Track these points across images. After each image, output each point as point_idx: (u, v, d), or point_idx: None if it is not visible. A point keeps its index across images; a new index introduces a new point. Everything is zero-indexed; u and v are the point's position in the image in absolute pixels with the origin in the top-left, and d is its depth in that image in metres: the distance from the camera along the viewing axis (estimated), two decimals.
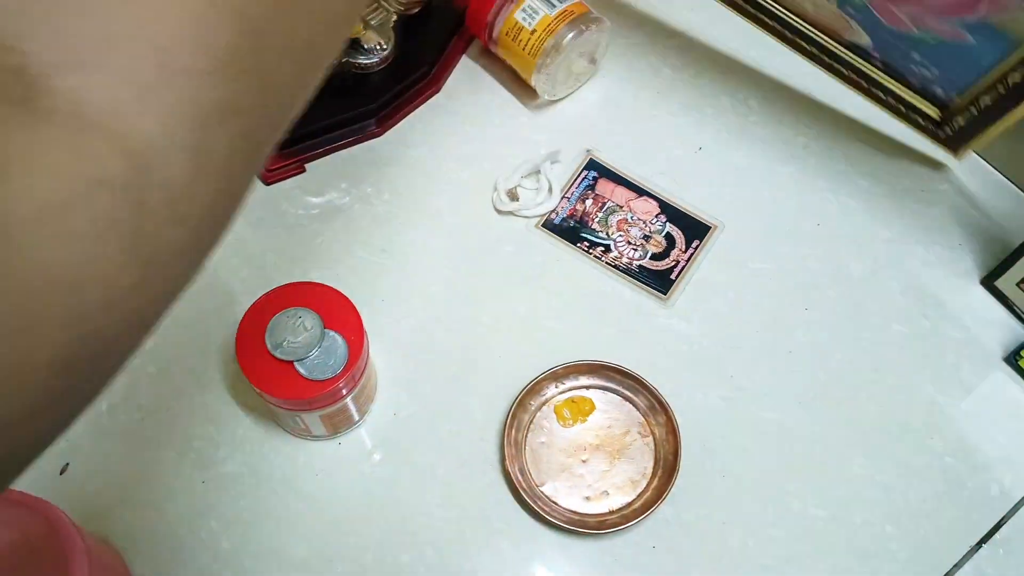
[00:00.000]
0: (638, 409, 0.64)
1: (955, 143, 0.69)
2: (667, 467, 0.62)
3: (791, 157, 0.74)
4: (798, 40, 0.72)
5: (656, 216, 0.71)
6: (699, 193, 0.72)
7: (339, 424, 0.61)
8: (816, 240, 0.71)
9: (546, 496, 0.61)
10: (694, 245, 0.70)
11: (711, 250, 0.70)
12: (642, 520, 0.60)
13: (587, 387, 0.64)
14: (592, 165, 0.72)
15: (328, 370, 0.56)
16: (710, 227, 0.70)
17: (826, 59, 0.71)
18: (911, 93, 0.68)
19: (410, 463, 0.62)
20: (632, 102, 0.76)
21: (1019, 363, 0.66)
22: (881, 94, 0.70)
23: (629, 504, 0.61)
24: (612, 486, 0.62)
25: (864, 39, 0.67)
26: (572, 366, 0.64)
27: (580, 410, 0.63)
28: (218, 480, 0.61)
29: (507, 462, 0.61)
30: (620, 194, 0.71)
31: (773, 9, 0.72)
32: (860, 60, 0.69)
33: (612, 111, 0.75)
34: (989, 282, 0.69)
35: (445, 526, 0.61)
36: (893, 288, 0.69)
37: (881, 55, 0.68)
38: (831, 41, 0.70)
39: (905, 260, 0.70)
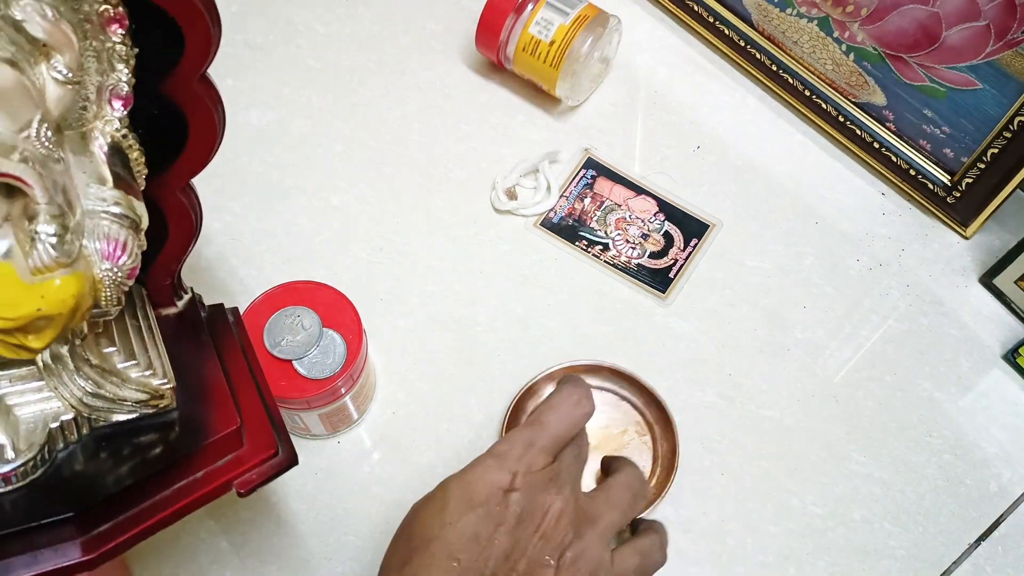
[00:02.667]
0: (635, 408, 0.64)
1: (964, 209, 0.69)
2: (666, 465, 0.62)
3: (789, 155, 0.74)
4: (810, 106, 0.74)
5: (654, 215, 0.71)
6: (697, 192, 0.72)
7: (338, 423, 0.61)
8: (814, 238, 0.71)
9: None
10: (692, 243, 0.70)
11: (709, 248, 0.70)
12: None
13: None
14: (590, 164, 0.72)
15: (326, 369, 0.56)
16: (708, 225, 0.70)
17: (839, 122, 0.73)
18: (922, 156, 0.69)
19: (409, 462, 0.62)
20: (630, 101, 0.76)
21: (1017, 360, 0.66)
22: (893, 157, 0.71)
23: None
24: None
25: (879, 97, 0.68)
26: (568, 367, 0.64)
27: None
28: None
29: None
30: (618, 193, 0.71)
31: (787, 77, 0.74)
32: (874, 121, 0.70)
33: (610, 109, 0.75)
34: (988, 280, 0.69)
35: None
36: (891, 285, 0.69)
37: (894, 116, 0.69)
38: (847, 100, 0.71)
39: (903, 257, 0.70)
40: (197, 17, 0.38)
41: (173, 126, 0.42)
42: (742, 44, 0.75)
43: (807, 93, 0.73)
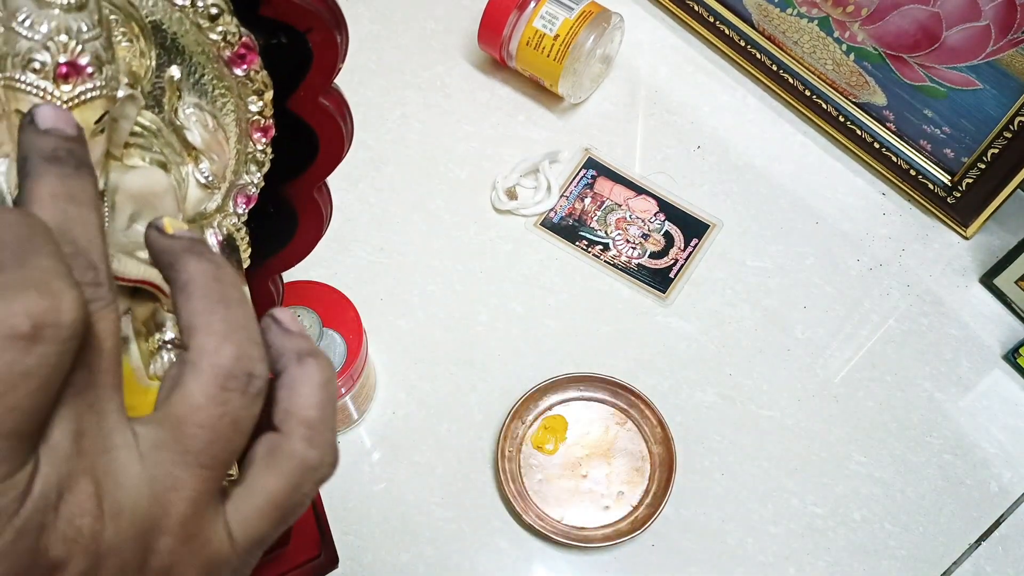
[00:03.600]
0: (603, 403, 0.64)
1: (964, 209, 0.69)
2: (665, 465, 0.61)
3: (789, 155, 0.74)
4: (811, 106, 0.74)
5: (655, 215, 0.71)
6: (698, 191, 0.72)
7: (338, 423, 0.61)
8: (814, 238, 0.71)
9: (560, 521, 0.61)
10: (693, 243, 0.70)
11: (710, 248, 0.70)
12: (648, 522, 0.60)
13: (552, 407, 0.64)
14: (591, 164, 0.72)
15: None
16: (709, 225, 0.70)
17: (840, 122, 0.73)
18: (923, 157, 0.69)
19: (409, 462, 0.62)
20: (630, 100, 0.76)
21: (1018, 360, 0.66)
22: (893, 157, 0.71)
23: (641, 500, 0.61)
24: (621, 483, 0.62)
25: (880, 98, 0.68)
26: (528, 395, 0.63)
27: (556, 431, 0.63)
28: None
29: (504, 489, 0.61)
30: (619, 193, 0.71)
31: (787, 77, 0.74)
32: (874, 121, 0.70)
33: (610, 109, 0.75)
34: (988, 280, 0.69)
35: (444, 525, 0.61)
36: (892, 286, 0.69)
37: (895, 116, 0.69)
38: (847, 100, 0.71)
39: (904, 258, 0.70)
40: (336, 131, 0.39)
41: (283, 224, 0.42)
42: (743, 44, 0.75)
43: (807, 93, 0.73)
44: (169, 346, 0.37)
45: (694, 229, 0.70)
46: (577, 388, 0.64)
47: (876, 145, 0.71)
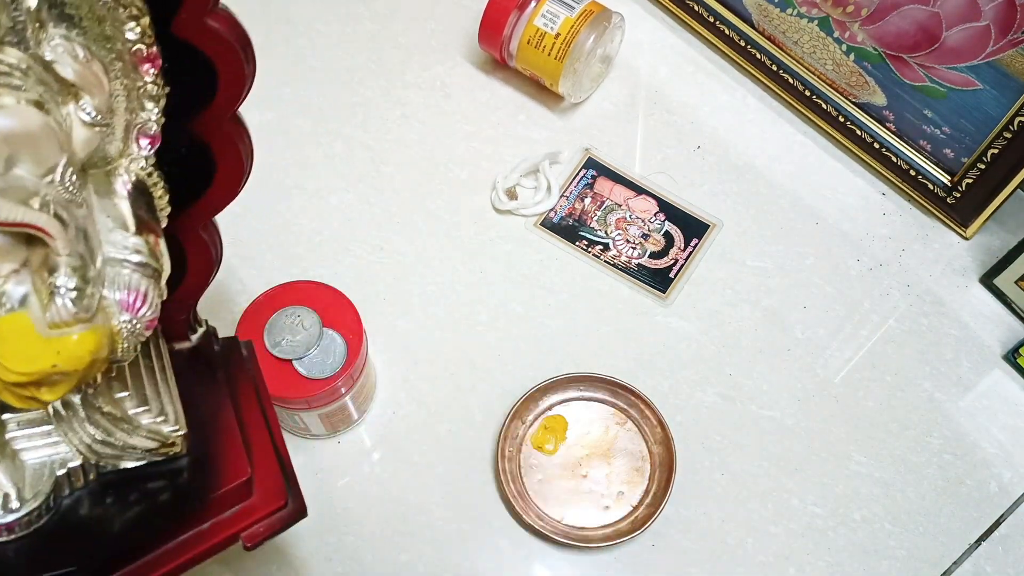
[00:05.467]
0: (603, 403, 0.64)
1: (964, 209, 0.69)
2: (663, 444, 0.61)
3: (789, 155, 0.74)
4: (810, 107, 0.74)
5: (655, 215, 0.71)
6: (698, 191, 0.72)
7: (338, 423, 0.61)
8: (814, 238, 0.71)
9: (561, 521, 0.61)
10: (693, 243, 0.70)
11: (710, 248, 0.70)
12: (649, 522, 0.60)
13: (551, 407, 0.64)
14: (591, 164, 0.72)
15: (327, 369, 0.56)
16: (709, 225, 0.70)
17: (840, 122, 0.73)
18: (923, 157, 0.69)
19: (409, 462, 0.62)
20: (630, 100, 0.76)
21: (1018, 361, 0.66)
22: (893, 157, 0.71)
23: (641, 500, 0.61)
24: (621, 483, 0.62)
25: (880, 98, 0.68)
26: (528, 395, 0.63)
27: (556, 431, 0.63)
28: None
29: (504, 490, 0.61)
30: (619, 192, 0.71)
31: (787, 78, 0.74)
32: (874, 121, 0.70)
33: (610, 109, 0.75)
34: (988, 280, 0.69)
35: (444, 525, 0.61)
36: (892, 286, 0.69)
37: (895, 116, 0.69)
38: (847, 101, 0.71)
39: (904, 258, 0.70)
40: (232, 55, 0.37)
41: (200, 164, 0.41)
42: (743, 44, 0.75)
43: (807, 93, 0.73)
44: (62, 290, 0.35)
45: (694, 229, 0.70)
46: (577, 388, 0.64)
47: (876, 145, 0.71)
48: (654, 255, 0.69)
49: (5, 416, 0.41)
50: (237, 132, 0.41)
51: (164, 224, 0.40)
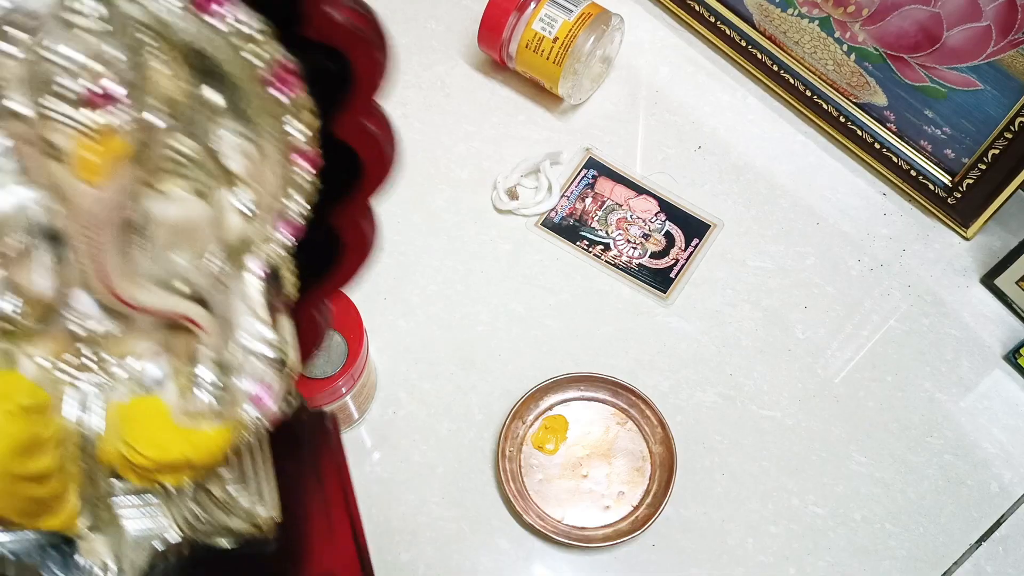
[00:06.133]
0: (603, 403, 0.64)
1: (965, 210, 0.69)
2: (665, 465, 0.61)
3: (790, 155, 0.74)
4: (811, 107, 0.74)
5: (655, 215, 0.71)
6: (698, 192, 0.72)
7: (339, 423, 0.61)
8: (815, 238, 0.71)
9: (561, 521, 0.61)
10: (693, 243, 0.70)
11: (710, 248, 0.70)
12: (649, 522, 0.60)
13: (552, 406, 0.64)
14: (591, 164, 0.72)
15: (327, 369, 0.56)
16: (709, 225, 0.70)
17: (840, 123, 0.72)
18: (923, 157, 0.69)
19: (409, 462, 0.62)
20: (631, 100, 0.76)
21: (1018, 361, 0.66)
22: (894, 158, 0.71)
23: (642, 500, 0.61)
24: (622, 483, 0.62)
25: (880, 98, 0.68)
26: (529, 395, 0.63)
27: (556, 431, 0.63)
28: None
29: (505, 489, 0.61)
30: (619, 192, 0.71)
31: (788, 78, 0.73)
32: (875, 122, 0.70)
33: (611, 109, 0.75)
34: (989, 280, 0.69)
35: (445, 525, 0.61)
36: (892, 286, 0.69)
37: (896, 117, 0.69)
38: (847, 101, 0.71)
39: (904, 258, 0.70)
40: (382, 155, 0.37)
41: (327, 251, 0.40)
42: (743, 44, 0.75)
43: (808, 93, 0.73)
44: (204, 383, 0.36)
45: (695, 229, 0.70)
46: (578, 388, 0.64)
47: (877, 145, 0.71)
48: (655, 255, 0.69)
49: (117, 484, 0.40)
50: (368, 220, 0.41)
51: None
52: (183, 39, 0.31)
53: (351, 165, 0.37)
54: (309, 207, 0.37)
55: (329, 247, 0.40)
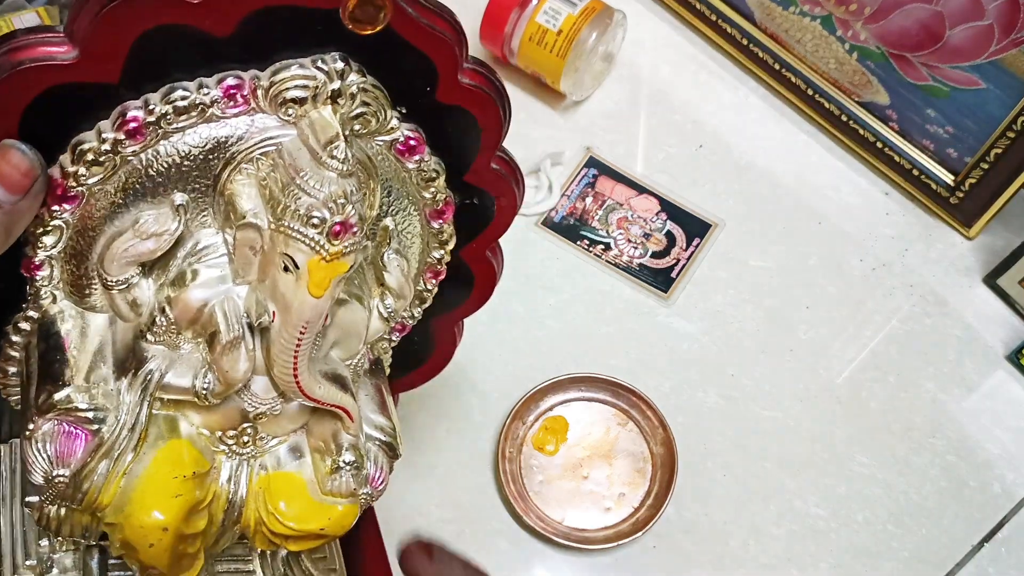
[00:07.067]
0: (604, 403, 0.63)
1: (967, 209, 0.69)
2: (666, 465, 0.61)
3: (792, 154, 0.74)
4: (813, 106, 0.73)
5: (656, 214, 0.70)
6: (700, 191, 0.71)
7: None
8: (817, 238, 0.70)
9: (562, 523, 0.60)
10: (695, 243, 0.69)
11: (712, 248, 0.69)
12: (650, 523, 0.60)
13: (552, 407, 0.64)
14: (592, 163, 0.72)
15: None
16: (711, 225, 0.70)
17: (842, 122, 0.72)
18: (926, 156, 0.69)
19: (409, 462, 0.62)
20: (632, 99, 0.75)
21: (1021, 361, 0.66)
22: (896, 157, 0.70)
23: (643, 501, 0.60)
24: (622, 484, 0.61)
25: (883, 97, 0.67)
26: (529, 396, 0.63)
27: (557, 432, 0.63)
28: None
29: (505, 491, 0.61)
30: (620, 192, 0.71)
31: (790, 76, 0.73)
32: (877, 120, 0.70)
33: (612, 108, 0.75)
34: (991, 280, 0.68)
35: (444, 526, 0.60)
36: (895, 286, 0.69)
37: (898, 115, 0.69)
38: (850, 99, 0.70)
39: (907, 258, 0.70)
40: (491, 277, 0.46)
41: (420, 350, 0.48)
42: (745, 43, 0.74)
43: (810, 92, 0.73)
44: (347, 466, 0.40)
45: (696, 229, 0.70)
46: (578, 389, 0.63)
47: (879, 145, 0.71)
48: (656, 255, 0.69)
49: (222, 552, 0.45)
50: (458, 331, 0.49)
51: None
52: (382, 176, 0.38)
53: (465, 284, 0.45)
54: (422, 314, 0.45)
55: (422, 348, 0.48)
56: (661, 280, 0.68)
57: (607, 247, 0.69)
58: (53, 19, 0.67)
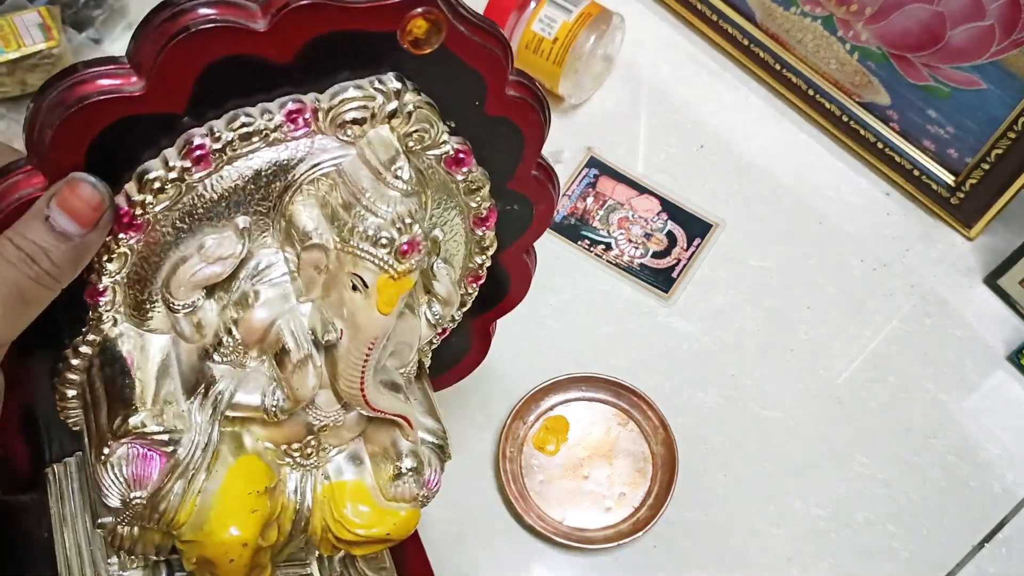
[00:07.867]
0: (604, 403, 0.63)
1: (968, 210, 0.69)
2: (665, 445, 0.61)
3: (793, 155, 0.74)
4: (814, 106, 0.73)
5: (657, 214, 0.70)
6: (700, 191, 0.71)
7: None
8: (818, 238, 0.70)
9: (562, 523, 0.60)
10: (695, 243, 0.69)
11: (712, 248, 0.69)
12: (650, 523, 0.60)
13: (553, 407, 0.64)
14: (593, 163, 0.72)
15: None
16: (712, 225, 0.70)
17: (843, 122, 0.72)
18: (926, 157, 0.69)
19: None
20: (632, 99, 0.75)
21: (1022, 362, 0.66)
22: (897, 157, 0.70)
23: (643, 501, 0.61)
24: (623, 484, 0.61)
25: (884, 97, 0.67)
26: (530, 396, 0.63)
27: (557, 432, 0.63)
28: None
29: (505, 491, 0.61)
30: (621, 192, 0.71)
31: (790, 77, 0.73)
32: (878, 121, 0.70)
33: (612, 108, 0.75)
34: (992, 280, 0.68)
35: (445, 527, 0.60)
36: (895, 286, 0.69)
37: (899, 116, 0.69)
38: (850, 100, 0.70)
39: (907, 258, 0.70)
40: (526, 280, 0.47)
41: (457, 350, 0.50)
42: (746, 43, 0.74)
43: (811, 92, 0.73)
44: (409, 472, 0.41)
45: (697, 229, 0.70)
46: (579, 389, 0.63)
47: (880, 145, 0.71)
48: (656, 255, 0.69)
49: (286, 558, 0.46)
50: (492, 331, 0.50)
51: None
52: (432, 188, 0.39)
53: (501, 287, 0.47)
54: (461, 316, 0.46)
55: (459, 349, 0.49)
56: (662, 280, 0.68)
57: (608, 247, 0.69)
58: (54, 19, 0.68)
